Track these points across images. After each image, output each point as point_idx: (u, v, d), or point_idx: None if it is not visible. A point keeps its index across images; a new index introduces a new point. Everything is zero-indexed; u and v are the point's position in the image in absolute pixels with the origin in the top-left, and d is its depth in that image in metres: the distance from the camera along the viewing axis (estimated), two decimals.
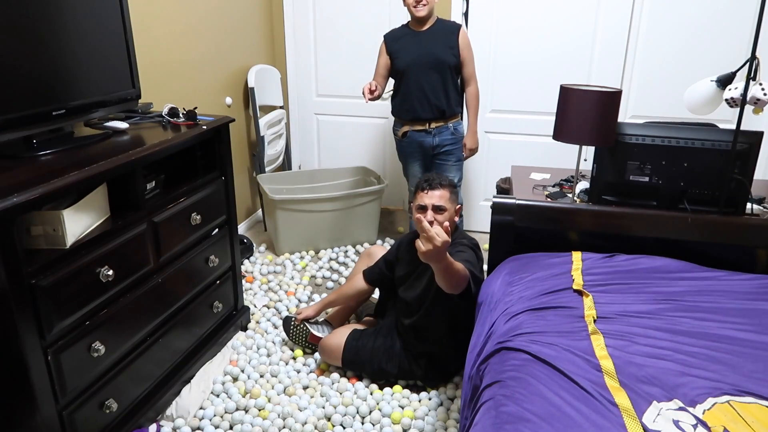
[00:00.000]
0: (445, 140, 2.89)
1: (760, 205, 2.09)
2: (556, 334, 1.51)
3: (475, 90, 2.89)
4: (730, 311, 1.64)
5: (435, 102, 2.80)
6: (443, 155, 2.93)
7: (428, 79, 2.79)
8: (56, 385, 1.52)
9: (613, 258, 1.92)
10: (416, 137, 2.91)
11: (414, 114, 2.86)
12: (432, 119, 2.85)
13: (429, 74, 2.78)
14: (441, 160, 2.95)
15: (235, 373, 2.27)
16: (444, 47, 2.78)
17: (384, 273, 2.34)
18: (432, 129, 2.87)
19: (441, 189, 2.05)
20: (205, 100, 3.00)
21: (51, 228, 1.52)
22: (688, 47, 3.15)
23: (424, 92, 2.80)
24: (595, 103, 1.91)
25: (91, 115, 1.87)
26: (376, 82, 2.76)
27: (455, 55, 2.79)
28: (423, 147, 2.92)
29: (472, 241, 2.15)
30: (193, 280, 2.12)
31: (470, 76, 2.87)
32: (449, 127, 2.88)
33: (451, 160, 2.94)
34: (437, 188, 2.04)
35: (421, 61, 2.78)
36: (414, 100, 2.83)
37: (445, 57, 2.78)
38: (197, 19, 2.87)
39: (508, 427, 1.21)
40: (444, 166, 2.94)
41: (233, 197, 2.35)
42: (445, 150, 2.91)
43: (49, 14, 1.65)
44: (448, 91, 2.83)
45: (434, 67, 2.78)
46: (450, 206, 2.06)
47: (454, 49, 2.78)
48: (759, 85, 1.90)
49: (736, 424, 1.20)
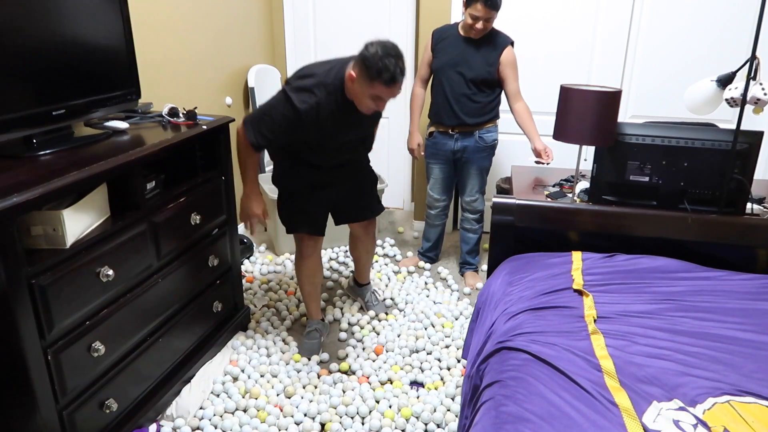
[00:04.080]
0: (468, 146, 2.84)
1: (760, 205, 2.09)
2: (556, 334, 1.51)
3: (523, 106, 2.76)
4: (730, 311, 1.64)
5: (458, 110, 2.76)
6: (464, 163, 2.88)
7: (457, 86, 2.74)
8: (56, 385, 1.52)
9: (613, 258, 1.92)
10: (440, 139, 2.88)
11: (438, 118, 2.84)
12: (454, 125, 2.82)
13: (458, 82, 2.73)
14: (464, 167, 2.91)
15: (235, 373, 2.27)
16: (482, 61, 2.70)
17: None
18: (455, 133, 2.85)
19: (402, 81, 1.93)
20: (205, 100, 3.00)
21: (51, 228, 1.52)
22: (688, 47, 3.15)
23: (449, 99, 2.76)
24: (595, 103, 1.91)
25: (91, 115, 1.87)
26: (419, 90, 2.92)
27: (491, 72, 2.70)
28: (445, 150, 2.89)
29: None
30: (193, 280, 2.12)
31: (514, 93, 2.76)
32: (474, 135, 2.83)
33: (473, 169, 2.89)
34: (400, 83, 1.91)
35: (455, 67, 2.73)
36: (439, 104, 2.81)
37: (478, 70, 2.70)
38: (197, 19, 2.87)
39: (508, 426, 1.22)
40: (466, 173, 2.91)
41: (233, 197, 2.35)
42: (467, 157, 2.86)
43: (50, 14, 1.65)
44: (475, 102, 2.76)
45: (465, 76, 2.72)
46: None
47: (493, 66, 2.69)
48: (759, 85, 1.90)
49: (737, 424, 1.20)
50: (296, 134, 2.06)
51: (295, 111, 1.97)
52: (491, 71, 2.71)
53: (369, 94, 1.93)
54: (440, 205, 3.06)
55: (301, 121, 2.00)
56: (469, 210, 3.01)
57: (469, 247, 3.09)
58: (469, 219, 3.03)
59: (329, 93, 1.99)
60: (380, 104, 1.99)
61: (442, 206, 3.07)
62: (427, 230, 3.20)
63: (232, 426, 2.00)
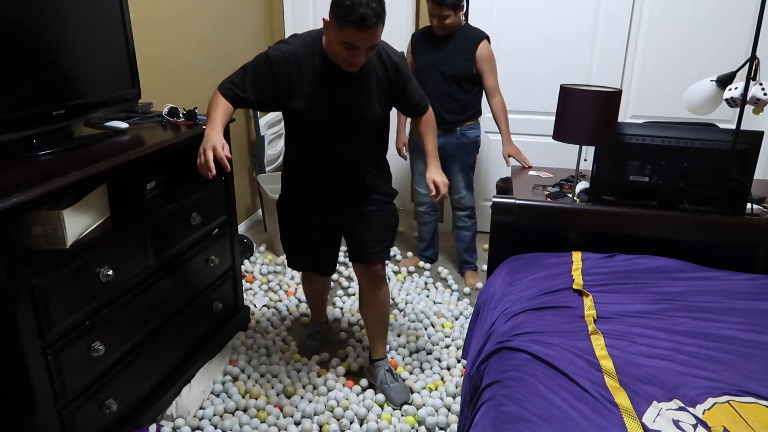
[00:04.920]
0: (449, 143, 2.85)
1: (760, 205, 2.09)
2: (556, 334, 1.51)
3: (500, 102, 2.80)
4: (729, 311, 1.64)
5: (439, 108, 2.76)
6: (448, 160, 2.89)
7: (438, 85, 2.75)
8: (56, 385, 1.52)
9: (613, 258, 1.92)
10: None
11: None
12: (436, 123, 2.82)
13: (439, 81, 2.75)
14: (446, 165, 2.92)
15: (235, 373, 2.27)
16: (458, 57, 2.73)
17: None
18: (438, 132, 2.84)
19: (378, 25, 1.67)
20: (205, 100, 2.97)
21: (51, 228, 1.52)
22: (688, 47, 3.15)
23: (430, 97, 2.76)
24: (595, 103, 1.91)
25: (91, 115, 1.87)
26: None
27: (469, 68, 2.74)
28: None
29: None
30: (193, 280, 2.12)
31: (492, 88, 2.79)
32: (455, 132, 2.85)
33: (456, 167, 2.91)
34: (373, 26, 1.65)
35: (435, 67, 2.75)
36: None
37: (457, 67, 2.73)
38: (197, 19, 2.87)
39: (508, 426, 1.21)
40: (451, 171, 2.91)
41: (233, 197, 2.35)
42: (449, 154, 2.87)
43: (50, 14, 1.65)
44: (455, 100, 2.78)
45: (444, 74, 2.74)
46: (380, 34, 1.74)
47: (469, 61, 2.73)
48: (759, 85, 1.90)
49: (736, 424, 1.20)
50: (266, 86, 1.82)
51: (267, 58, 1.80)
52: (469, 66, 2.74)
53: (340, 41, 1.68)
54: (427, 201, 3.08)
55: (271, 71, 1.80)
56: (458, 207, 3.02)
57: (464, 245, 3.10)
58: (461, 217, 3.04)
59: (306, 44, 1.82)
60: (355, 55, 1.71)
61: (429, 202, 3.08)
62: (421, 229, 3.21)
63: (232, 426, 2.00)
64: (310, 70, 1.81)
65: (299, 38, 1.85)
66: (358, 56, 1.72)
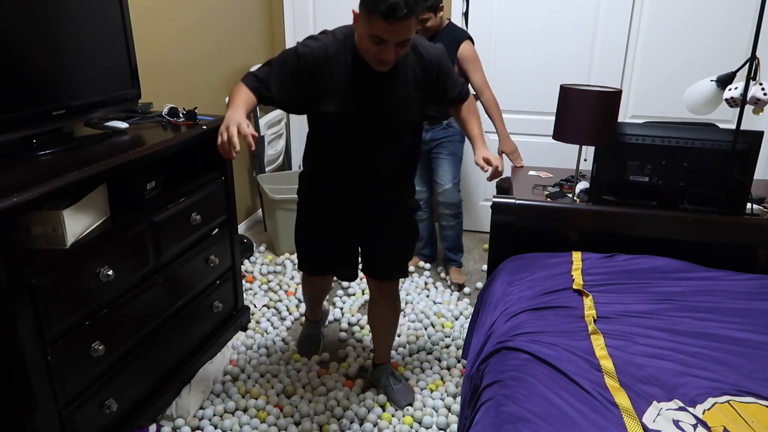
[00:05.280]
0: (438, 135, 2.89)
1: (760, 205, 2.09)
2: (556, 334, 1.51)
3: (490, 97, 2.78)
4: (730, 311, 1.64)
5: None
6: (436, 148, 2.92)
7: None
8: (56, 385, 1.52)
9: (613, 258, 1.92)
10: None
11: None
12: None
13: None
14: (435, 154, 2.94)
15: (235, 373, 2.27)
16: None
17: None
18: (424, 126, 2.86)
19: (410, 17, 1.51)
20: (205, 100, 3.00)
21: (51, 228, 1.52)
22: (688, 47, 3.15)
23: None
24: (595, 103, 1.91)
25: (91, 115, 1.87)
26: None
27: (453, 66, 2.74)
28: None
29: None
30: (193, 280, 2.12)
31: (480, 86, 2.77)
32: (442, 123, 2.88)
33: (443, 153, 2.93)
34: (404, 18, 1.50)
35: None
36: None
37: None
38: (197, 19, 2.87)
39: (508, 427, 1.21)
40: (438, 160, 2.93)
41: (233, 197, 2.35)
42: (438, 143, 2.91)
43: (50, 14, 1.65)
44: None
45: None
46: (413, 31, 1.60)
47: (453, 61, 2.71)
48: (759, 85, 1.90)
49: (736, 424, 1.20)
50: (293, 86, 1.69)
51: (296, 54, 1.67)
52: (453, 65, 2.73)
53: (369, 34, 1.55)
54: (422, 197, 3.08)
55: (299, 69, 1.67)
56: (444, 203, 2.99)
57: (448, 244, 3.10)
58: (446, 215, 3.02)
59: (337, 40, 1.69)
60: (383, 50, 1.56)
61: (422, 198, 3.08)
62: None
63: (232, 426, 2.00)
64: (341, 70, 1.68)
65: (329, 34, 1.73)
66: (387, 52, 1.56)
